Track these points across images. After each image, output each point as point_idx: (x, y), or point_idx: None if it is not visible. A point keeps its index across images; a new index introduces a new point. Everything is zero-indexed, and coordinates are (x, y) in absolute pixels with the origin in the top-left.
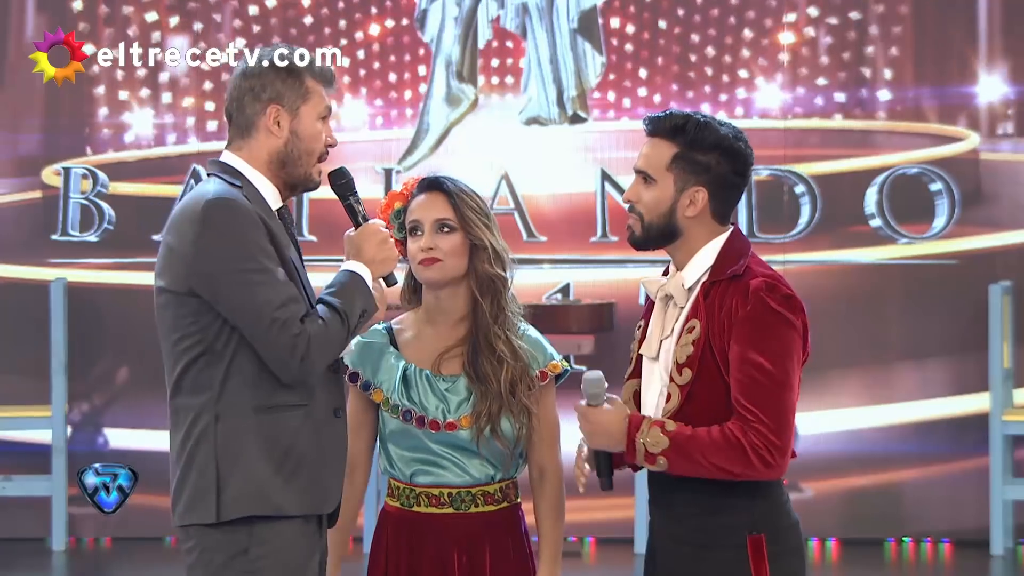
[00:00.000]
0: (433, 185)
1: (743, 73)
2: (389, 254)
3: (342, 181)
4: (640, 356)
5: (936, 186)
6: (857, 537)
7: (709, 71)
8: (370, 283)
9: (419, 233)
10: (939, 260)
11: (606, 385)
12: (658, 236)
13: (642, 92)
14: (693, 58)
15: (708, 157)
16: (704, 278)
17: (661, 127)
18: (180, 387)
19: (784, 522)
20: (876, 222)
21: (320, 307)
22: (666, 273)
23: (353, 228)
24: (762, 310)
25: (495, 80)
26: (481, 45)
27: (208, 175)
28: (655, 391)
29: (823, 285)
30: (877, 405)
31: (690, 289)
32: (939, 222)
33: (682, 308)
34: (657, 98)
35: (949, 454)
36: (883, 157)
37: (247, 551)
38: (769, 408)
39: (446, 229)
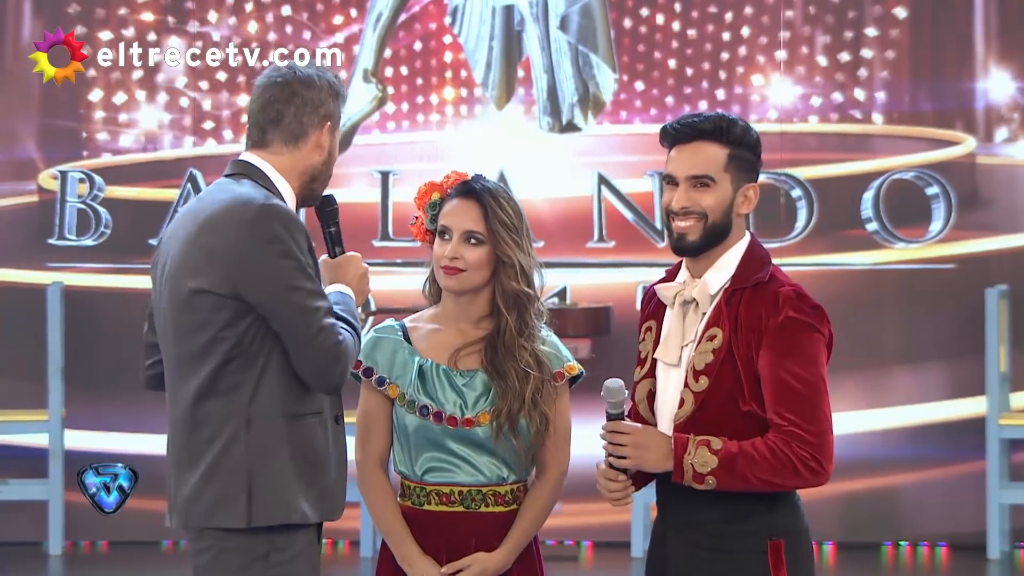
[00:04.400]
0: (470, 193)
1: (738, 89)
2: (366, 288)
3: (330, 208)
4: (655, 359)
5: (933, 190)
6: (854, 541)
7: (705, 84)
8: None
9: (447, 238)
10: (936, 264)
11: (627, 393)
12: (716, 237)
13: (638, 101)
14: (689, 71)
15: (752, 154)
16: (727, 284)
17: (702, 130)
18: (208, 389)
19: (800, 526)
20: (873, 226)
21: (337, 320)
22: (669, 279)
23: (328, 255)
24: (793, 319)
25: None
26: (522, 58)
27: (233, 175)
28: (672, 398)
29: (820, 289)
30: (874, 409)
31: (713, 295)
32: (936, 226)
33: (704, 314)
34: (653, 111)
35: (946, 458)
36: (880, 161)
37: (267, 557)
38: (809, 416)
39: (473, 241)
